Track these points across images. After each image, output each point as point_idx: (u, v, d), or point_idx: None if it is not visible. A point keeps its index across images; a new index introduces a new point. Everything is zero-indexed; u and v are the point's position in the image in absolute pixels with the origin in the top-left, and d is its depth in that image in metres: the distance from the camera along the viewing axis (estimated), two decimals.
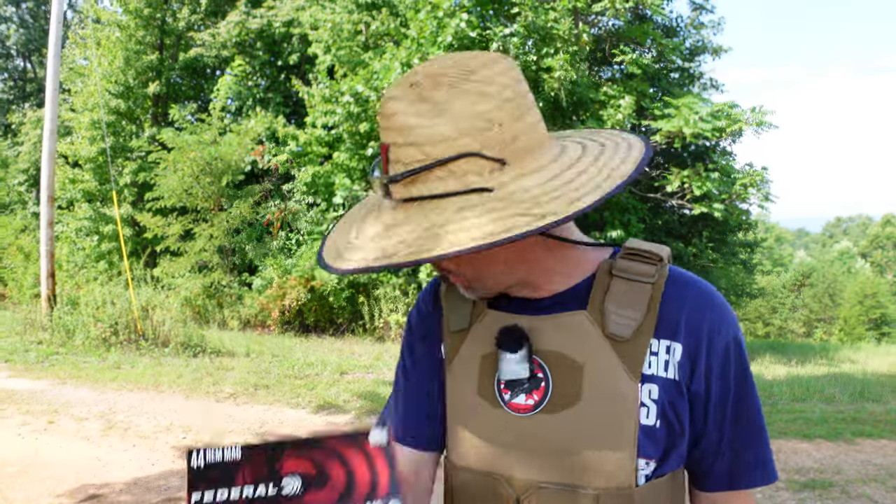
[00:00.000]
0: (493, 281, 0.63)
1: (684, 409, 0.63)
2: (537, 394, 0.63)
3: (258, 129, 10.56)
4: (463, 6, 8.43)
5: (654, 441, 0.62)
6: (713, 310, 0.63)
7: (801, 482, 3.32)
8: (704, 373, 0.62)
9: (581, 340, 0.62)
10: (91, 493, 3.03)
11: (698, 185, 7.95)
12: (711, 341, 0.62)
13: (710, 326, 0.62)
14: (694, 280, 0.65)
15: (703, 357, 0.62)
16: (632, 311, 0.61)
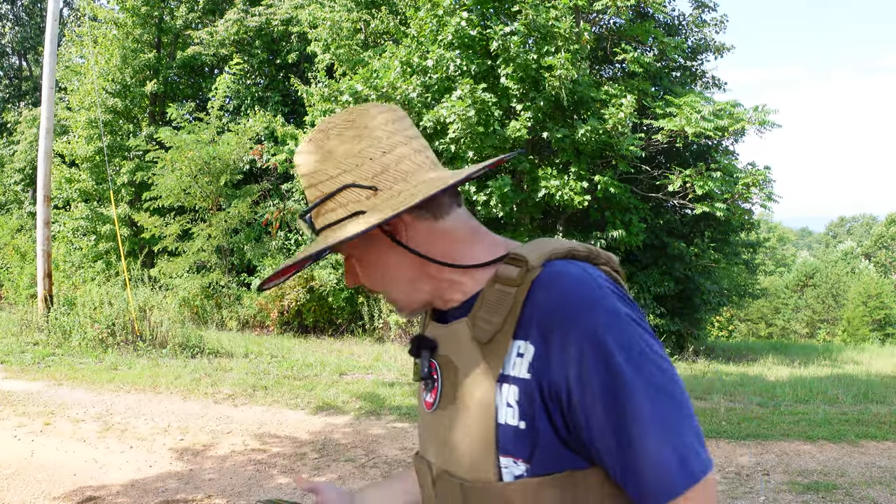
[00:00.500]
0: (405, 297, 0.74)
1: (541, 410, 0.63)
2: (434, 393, 0.73)
3: (257, 129, 10.51)
4: (463, 4, 8.40)
5: (519, 441, 0.64)
6: (568, 308, 0.62)
7: (804, 484, 3.30)
8: (561, 374, 0.62)
9: (460, 345, 0.70)
10: (88, 496, 2.99)
11: (700, 184, 7.93)
12: (564, 341, 0.62)
13: (561, 326, 0.62)
14: (561, 278, 0.65)
15: (555, 357, 0.62)
16: (494, 316, 0.66)
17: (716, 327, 19.20)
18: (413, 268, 0.71)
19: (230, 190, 10.25)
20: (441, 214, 0.71)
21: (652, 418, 0.59)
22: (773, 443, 4.00)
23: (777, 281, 29.81)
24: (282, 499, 0.90)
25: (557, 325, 0.62)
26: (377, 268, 0.73)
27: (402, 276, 0.72)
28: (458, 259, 0.71)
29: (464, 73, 8.20)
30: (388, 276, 0.73)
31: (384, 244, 0.71)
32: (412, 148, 0.71)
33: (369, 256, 0.73)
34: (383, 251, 0.71)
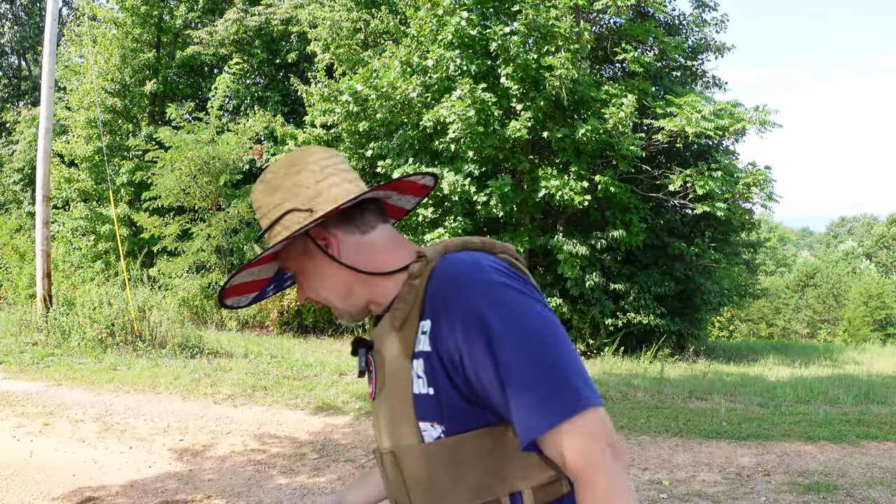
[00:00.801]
0: (344, 304, 0.87)
1: (442, 376, 0.74)
2: (371, 384, 0.86)
3: (256, 128, 10.49)
4: (463, 4, 8.39)
5: (431, 406, 0.75)
6: (450, 286, 0.75)
7: (804, 485, 3.29)
8: (451, 341, 0.73)
9: (384, 337, 0.82)
10: (87, 496, 2.98)
11: (701, 184, 7.92)
12: (449, 313, 0.73)
13: (445, 300, 0.75)
14: (448, 264, 0.78)
15: (444, 329, 0.73)
16: (404, 305, 0.79)
17: (716, 327, 19.20)
18: (348, 278, 0.85)
19: (230, 190, 10.24)
20: (367, 230, 0.85)
21: (524, 364, 0.69)
22: (773, 443, 3.99)
23: (778, 281, 29.84)
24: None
25: (444, 301, 0.74)
26: (317, 279, 0.86)
27: (340, 285, 0.85)
28: (383, 268, 0.84)
29: (464, 73, 8.19)
30: (326, 286, 0.86)
31: (321, 258, 0.85)
32: (344, 178, 0.86)
33: (310, 269, 0.86)
34: (321, 265, 0.85)
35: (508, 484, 0.74)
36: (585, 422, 0.67)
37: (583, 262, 8.29)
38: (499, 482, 0.74)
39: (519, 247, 8.29)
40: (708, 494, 3.14)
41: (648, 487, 3.23)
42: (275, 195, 0.86)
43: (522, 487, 0.74)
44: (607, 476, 0.67)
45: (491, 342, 0.70)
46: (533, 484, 0.74)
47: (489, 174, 8.56)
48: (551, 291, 8.65)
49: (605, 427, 0.69)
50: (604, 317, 8.53)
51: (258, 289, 0.95)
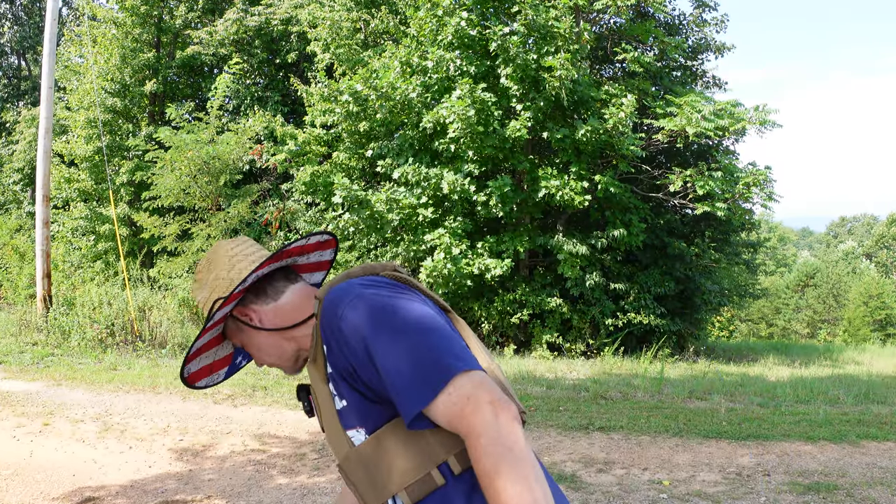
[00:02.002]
0: (281, 361, 1.02)
1: (345, 386, 0.87)
2: (318, 417, 0.98)
3: (256, 128, 10.49)
4: (463, 4, 8.38)
5: (349, 415, 0.88)
6: (333, 312, 0.86)
7: (804, 485, 3.29)
8: (340, 355, 0.85)
9: (311, 374, 0.95)
10: (87, 496, 2.98)
11: (701, 184, 7.92)
12: (330, 329, 0.86)
13: (328, 320, 0.87)
14: (330, 296, 0.88)
15: (334, 346, 0.86)
16: (312, 341, 0.92)
17: (716, 327, 19.20)
18: (275, 339, 1.00)
19: (230, 190, 10.23)
20: (278, 296, 1.01)
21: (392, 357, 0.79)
22: (773, 443, 3.99)
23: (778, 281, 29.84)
24: None
25: (330, 327, 0.86)
26: (255, 347, 1.02)
27: (273, 346, 1.01)
28: (297, 320, 0.99)
29: (463, 73, 8.19)
30: (264, 351, 1.02)
31: (251, 331, 1.01)
32: (250, 261, 1.02)
33: (248, 342, 1.02)
34: (253, 335, 1.01)
35: (434, 458, 0.82)
36: (456, 387, 0.75)
37: (583, 262, 8.29)
38: (425, 459, 0.83)
39: (519, 247, 8.30)
40: (708, 494, 3.14)
41: (648, 487, 3.23)
42: (203, 291, 1.04)
43: (446, 457, 0.82)
44: (488, 430, 0.72)
45: (368, 347, 0.82)
46: (455, 451, 0.82)
47: (489, 174, 8.56)
48: (551, 291, 8.65)
49: (479, 387, 0.75)
50: (604, 317, 8.53)
51: (228, 363, 1.13)
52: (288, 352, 1.00)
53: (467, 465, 0.81)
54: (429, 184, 8.13)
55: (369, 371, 0.82)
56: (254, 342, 1.01)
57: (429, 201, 8.31)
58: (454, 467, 0.82)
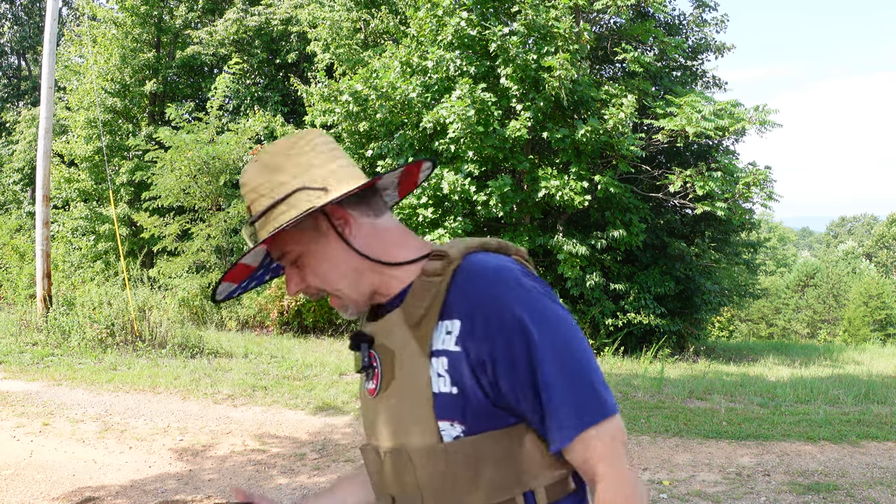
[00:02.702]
0: (352, 291, 0.82)
1: (470, 376, 0.74)
2: (375, 379, 0.82)
3: (256, 128, 10.49)
4: (463, 4, 8.38)
5: (453, 405, 0.74)
6: (486, 288, 0.75)
7: (804, 485, 3.29)
8: (488, 344, 0.73)
9: (394, 332, 0.79)
10: (87, 496, 2.98)
11: (701, 184, 7.92)
12: (487, 315, 0.73)
13: (481, 303, 0.74)
14: (477, 266, 0.77)
15: (479, 330, 0.73)
16: (422, 301, 0.77)
17: (716, 327, 19.20)
18: (358, 263, 0.81)
19: (230, 190, 10.24)
20: (379, 213, 0.83)
21: (558, 372, 0.72)
22: (773, 443, 3.99)
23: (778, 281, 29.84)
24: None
25: (479, 303, 0.74)
26: (326, 263, 0.81)
27: (350, 270, 0.81)
28: (395, 257, 0.81)
29: (463, 73, 8.19)
30: (336, 270, 0.81)
31: (334, 241, 0.80)
32: (347, 162, 0.84)
33: (318, 253, 0.81)
34: (332, 248, 0.80)
35: (523, 483, 0.75)
36: (608, 428, 0.72)
37: (583, 262, 8.29)
38: (514, 481, 0.75)
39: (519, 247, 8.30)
40: (708, 494, 3.14)
41: (648, 487, 3.23)
42: (277, 174, 0.80)
43: (535, 486, 0.75)
44: (625, 477, 0.73)
45: (529, 348, 0.72)
46: (545, 483, 0.76)
47: (489, 174, 8.56)
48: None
49: (622, 432, 0.74)
50: (604, 317, 8.53)
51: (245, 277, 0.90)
52: (364, 286, 0.81)
53: (554, 499, 0.76)
54: (429, 184, 8.13)
55: (516, 372, 0.72)
56: (327, 256, 0.80)
57: (429, 201, 8.31)
58: (539, 499, 0.75)
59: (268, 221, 0.80)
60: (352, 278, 0.81)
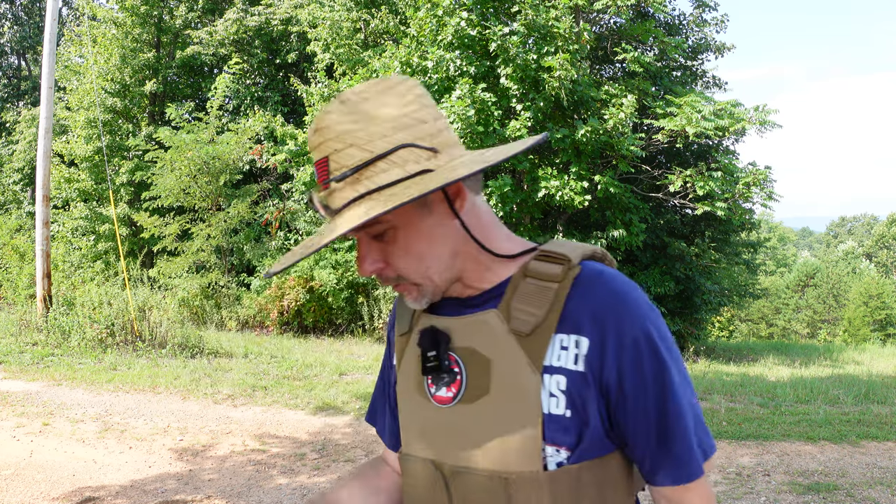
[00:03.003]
0: (440, 275, 0.68)
1: (593, 400, 0.66)
2: (454, 387, 0.70)
3: (256, 128, 10.49)
4: (463, 4, 8.39)
5: (563, 429, 0.66)
6: (619, 305, 0.66)
7: (804, 485, 3.29)
8: (615, 366, 0.65)
9: (490, 337, 0.68)
10: (87, 496, 2.98)
11: (701, 184, 7.92)
12: (620, 335, 0.65)
13: (616, 321, 0.66)
14: (606, 278, 0.68)
15: (610, 351, 0.65)
16: (535, 309, 0.67)
17: (716, 327, 19.21)
18: (457, 244, 0.68)
19: (230, 190, 10.24)
20: (478, 191, 0.72)
21: (684, 402, 0.67)
22: (773, 443, 3.99)
23: (778, 281, 29.85)
24: None
25: (613, 321, 0.65)
26: (425, 241, 0.67)
27: (448, 252, 0.68)
28: (496, 247, 0.70)
29: (463, 73, 8.19)
30: (434, 252, 0.67)
31: (439, 215, 0.67)
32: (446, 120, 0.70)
33: (421, 228, 0.66)
34: (436, 223, 0.67)
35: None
36: (706, 482, 0.69)
37: None
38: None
39: None
40: None
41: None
42: (375, 123, 0.64)
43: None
44: None
45: (661, 374, 0.65)
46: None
47: (489, 174, 8.56)
48: None
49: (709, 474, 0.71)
50: None
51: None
52: (454, 273, 0.69)
53: None
54: None
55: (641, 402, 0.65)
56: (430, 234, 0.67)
57: None
58: None
59: (357, 180, 0.64)
60: (447, 263, 0.68)
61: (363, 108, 0.65)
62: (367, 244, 0.68)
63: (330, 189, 0.65)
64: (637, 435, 0.67)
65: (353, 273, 9.13)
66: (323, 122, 0.66)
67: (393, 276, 0.69)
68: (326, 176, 0.65)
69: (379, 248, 0.68)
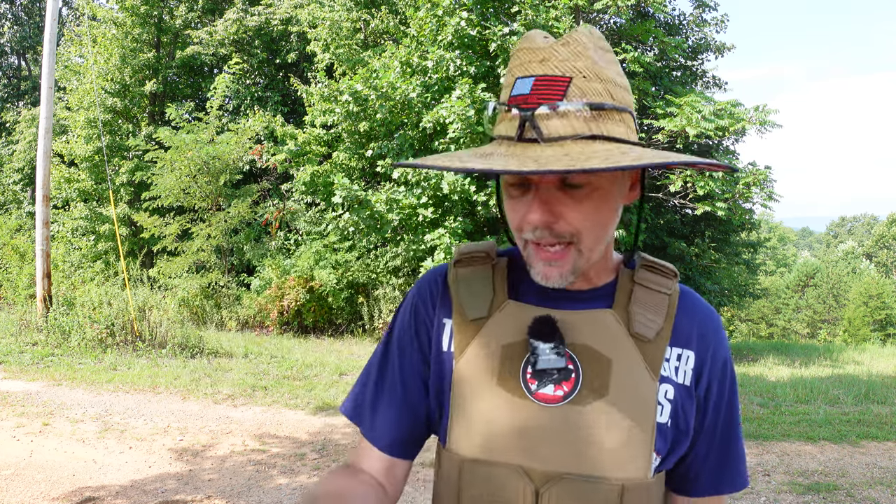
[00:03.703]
0: (599, 249, 0.64)
1: (692, 413, 0.68)
2: (567, 385, 0.65)
3: (256, 128, 10.50)
4: (463, 4, 8.39)
5: (663, 438, 0.66)
6: (718, 328, 0.71)
7: (805, 485, 3.29)
8: (707, 383, 0.69)
9: (608, 337, 0.66)
10: (87, 496, 2.98)
11: (701, 184, 7.93)
12: (715, 355, 0.69)
13: (715, 341, 0.70)
14: (700, 298, 0.73)
15: (707, 368, 0.69)
16: (654, 316, 0.67)
17: None
18: (613, 225, 0.64)
19: (230, 190, 10.24)
20: None
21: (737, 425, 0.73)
22: (773, 443, 3.99)
23: (778, 281, 29.85)
24: None
25: (714, 341, 0.69)
26: (611, 210, 0.62)
27: (614, 230, 0.65)
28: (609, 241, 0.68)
29: (463, 73, 8.19)
30: (612, 223, 0.63)
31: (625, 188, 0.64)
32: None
33: (613, 194, 0.62)
34: (619, 197, 0.63)
35: None
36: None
37: None
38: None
39: None
40: None
41: None
42: (620, 73, 0.59)
43: None
44: None
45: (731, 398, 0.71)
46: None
47: (489, 174, 8.55)
48: None
49: None
50: None
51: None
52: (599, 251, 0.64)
53: None
54: (429, 184, 8.14)
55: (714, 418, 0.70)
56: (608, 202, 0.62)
57: (429, 201, 8.31)
58: None
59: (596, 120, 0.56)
60: (604, 244, 0.64)
61: (608, 54, 0.59)
62: (549, 192, 0.60)
63: (544, 113, 0.56)
64: (701, 444, 0.71)
65: (353, 273, 9.13)
66: (576, 38, 0.58)
67: (566, 233, 0.60)
68: (559, 97, 0.56)
69: (560, 200, 0.60)
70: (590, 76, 0.57)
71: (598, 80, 0.57)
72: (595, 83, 0.57)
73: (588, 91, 0.57)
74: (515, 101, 0.58)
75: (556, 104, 0.56)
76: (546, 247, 0.62)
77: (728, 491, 0.73)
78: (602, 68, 0.58)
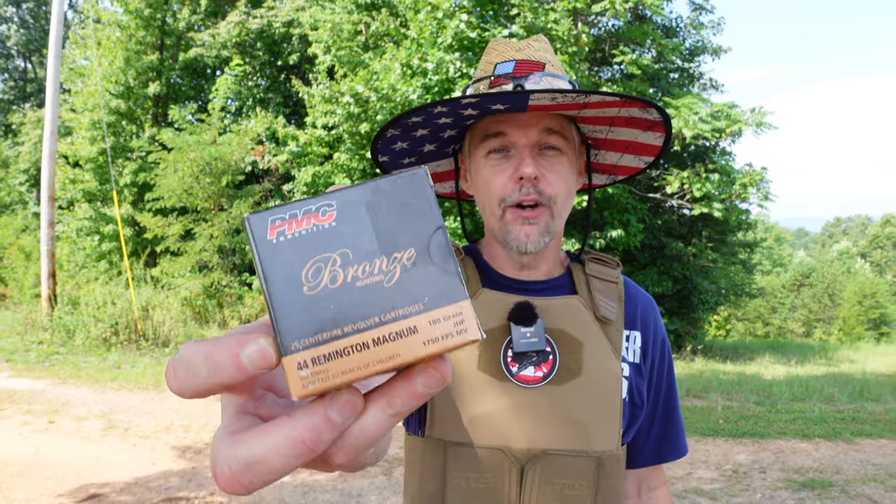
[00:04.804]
0: (564, 213, 0.72)
1: (644, 388, 0.75)
2: (546, 366, 0.68)
3: (258, 130, 10.56)
4: (463, 7, 8.44)
5: (625, 412, 0.73)
6: (656, 311, 0.80)
7: (800, 482, 3.32)
8: (651, 360, 0.77)
9: (580, 321, 0.71)
10: (91, 493, 3.03)
11: (698, 185, 7.96)
12: (656, 335, 0.78)
13: (655, 322, 0.78)
14: (637, 285, 0.81)
15: (650, 347, 0.77)
16: (612, 302, 0.74)
17: (713, 326, 19.18)
18: (573, 197, 0.74)
19: (232, 190, 10.30)
20: None
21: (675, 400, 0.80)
22: (769, 441, 4.03)
23: (774, 280, 29.74)
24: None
25: (653, 322, 0.78)
26: (571, 176, 0.72)
27: (572, 198, 0.73)
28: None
29: (463, 75, 8.24)
30: (573, 188, 0.73)
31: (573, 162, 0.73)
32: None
33: (573, 162, 0.72)
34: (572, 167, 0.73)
35: (622, 500, 0.72)
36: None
37: None
38: (620, 499, 0.72)
39: None
40: (704, 491, 3.17)
41: None
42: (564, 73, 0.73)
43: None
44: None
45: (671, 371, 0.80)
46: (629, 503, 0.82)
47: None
48: None
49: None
50: None
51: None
52: (562, 224, 0.72)
53: None
54: None
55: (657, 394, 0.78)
56: (568, 172, 0.71)
57: None
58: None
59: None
60: (566, 216, 0.72)
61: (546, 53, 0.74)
62: (531, 153, 0.69)
63: (534, 80, 0.70)
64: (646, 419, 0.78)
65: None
66: (537, 40, 0.75)
67: (546, 192, 0.69)
68: (539, 69, 0.71)
69: (539, 162, 0.69)
70: (556, 67, 0.73)
71: (563, 73, 0.73)
72: (561, 74, 0.73)
73: (555, 76, 0.72)
74: (499, 82, 0.70)
75: (542, 74, 0.69)
76: (527, 207, 0.69)
77: (669, 458, 0.79)
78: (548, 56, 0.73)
